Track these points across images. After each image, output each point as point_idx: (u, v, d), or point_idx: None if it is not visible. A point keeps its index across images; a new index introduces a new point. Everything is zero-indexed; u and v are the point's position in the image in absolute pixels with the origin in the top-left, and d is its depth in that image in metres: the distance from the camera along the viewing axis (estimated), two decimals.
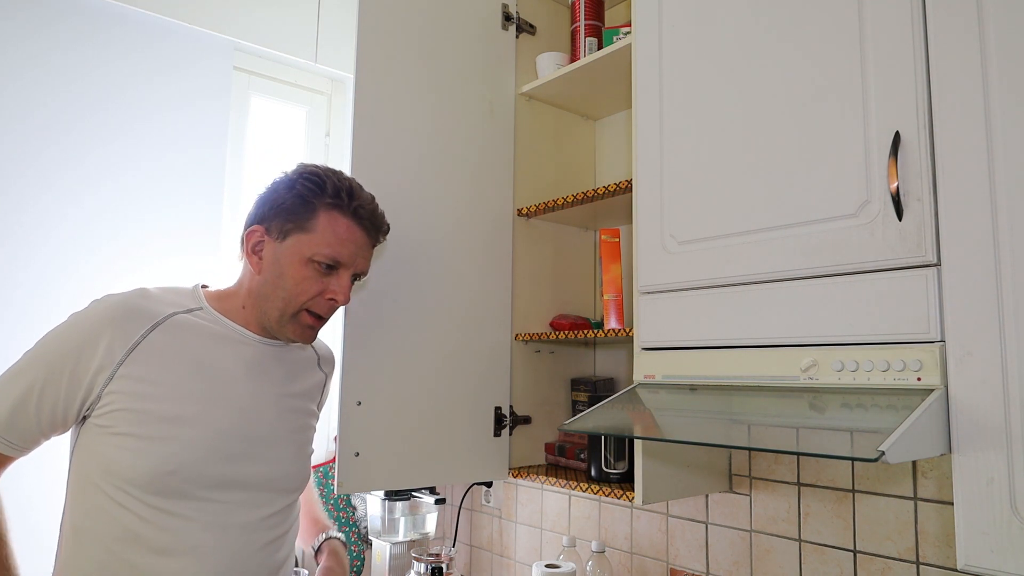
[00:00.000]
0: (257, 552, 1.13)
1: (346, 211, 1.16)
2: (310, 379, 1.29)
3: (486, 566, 2.06)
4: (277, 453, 1.18)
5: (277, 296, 1.14)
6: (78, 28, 1.79)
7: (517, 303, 1.70)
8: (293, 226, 1.14)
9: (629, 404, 1.21)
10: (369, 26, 1.48)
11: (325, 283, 1.15)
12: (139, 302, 1.11)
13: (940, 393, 0.88)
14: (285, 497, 1.20)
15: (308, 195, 1.15)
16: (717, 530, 1.52)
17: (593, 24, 1.71)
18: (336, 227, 1.15)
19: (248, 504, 1.13)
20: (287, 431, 1.21)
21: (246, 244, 1.17)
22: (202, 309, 1.16)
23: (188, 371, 1.10)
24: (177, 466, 1.05)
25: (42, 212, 1.72)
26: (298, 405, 1.24)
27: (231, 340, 1.16)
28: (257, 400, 1.16)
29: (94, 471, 1.06)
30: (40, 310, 1.67)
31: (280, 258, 1.14)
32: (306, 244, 1.14)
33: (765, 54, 1.12)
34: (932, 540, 1.22)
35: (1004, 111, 0.86)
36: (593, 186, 1.90)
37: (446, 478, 1.55)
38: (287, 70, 2.21)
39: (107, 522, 1.05)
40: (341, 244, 1.15)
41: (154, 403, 1.06)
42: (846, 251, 0.99)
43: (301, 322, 1.16)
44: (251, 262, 1.17)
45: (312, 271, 1.14)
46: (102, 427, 1.05)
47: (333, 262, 1.14)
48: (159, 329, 1.10)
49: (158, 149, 1.89)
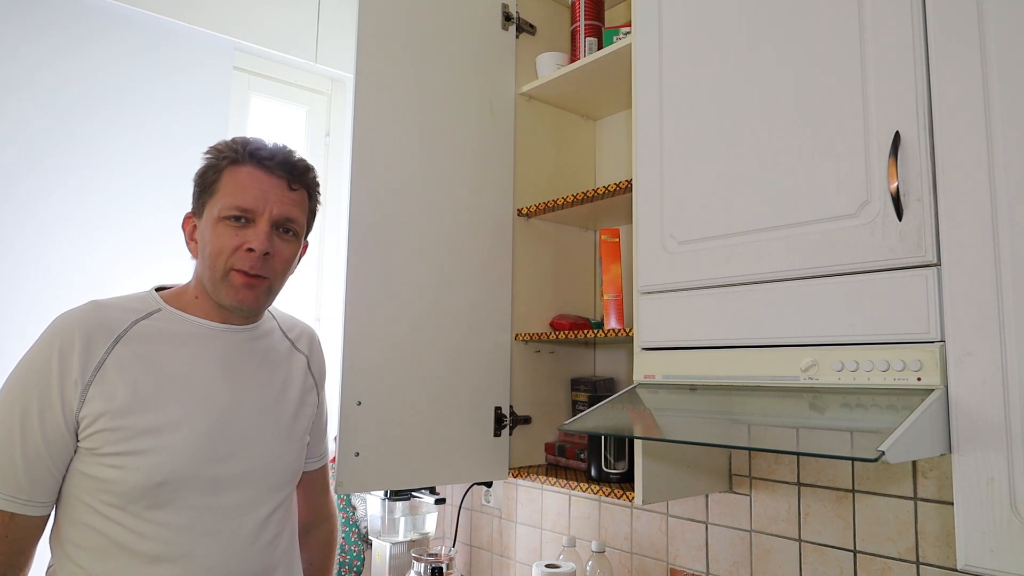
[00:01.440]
0: (251, 555, 1.11)
1: (244, 161, 1.12)
2: (289, 364, 1.25)
3: (486, 566, 2.06)
4: (264, 447, 1.15)
5: (205, 265, 1.12)
6: (78, 28, 1.79)
7: (517, 303, 1.70)
8: (206, 196, 1.13)
9: (629, 404, 1.21)
10: (369, 26, 1.48)
11: (242, 236, 1.11)
12: (95, 317, 1.07)
13: (940, 393, 0.88)
14: (277, 493, 1.17)
15: (210, 163, 1.13)
16: (717, 530, 1.52)
17: (593, 24, 1.71)
18: (237, 177, 1.11)
19: (240, 505, 1.11)
20: (272, 422, 1.17)
21: (186, 236, 1.16)
22: (160, 311, 1.13)
23: (160, 378, 1.07)
24: (166, 476, 1.03)
25: (44, 214, 1.72)
26: (280, 394, 1.21)
27: (196, 336, 1.13)
28: (235, 395, 1.13)
29: (84, 490, 1.04)
30: (43, 312, 1.66)
31: (203, 231, 1.12)
32: (214, 205, 1.11)
33: (765, 54, 1.12)
34: (932, 540, 1.22)
35: (1004, 111, 0.86)
36: (593, 186, 1.90)
37: (446, 478, 1.55)
38: (287, 70, 2.21)
39: (97, 535, 1.03)
40: (243, 190, 1.10)
41: (132, 417, 1.03)
42: (846, 251, 0.99)
43: (232, 283, 1.11)
44: (190, 249, 1.16)
45: (224, 228, 1.10)
46: (88, 449, 1.03)
47: (239, 211, 1.10)
48: (122, 342, 1.07)
49: (159, 149, 1.89)
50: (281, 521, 1.18)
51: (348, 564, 2.02)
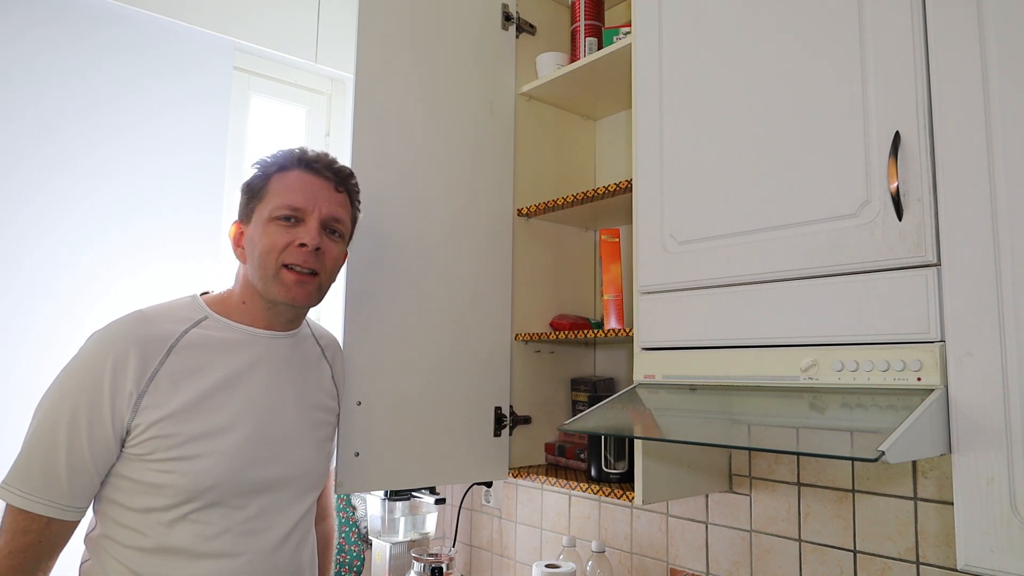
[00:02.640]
0: (284, 554, 1.15)
1: (294, 166, 1.18)
2: (320, 372, 1.30)
3: (486, 566, 2.06)
4: (300, 452, 1.19)
5: (257, 268, 1.14)
6: (78, 28, 1.79)
7: (517, 303, 1.70)
8: (255, 202, 1.17)
9: (629, 404, 1.21)
10: (369, 26, 1.48)
11: (293, 234, 1.14)
12: (147, 330, 1.09)
13: (940, 393, 0.88)
14: (309, 496, 1.22)
15: (260, 172, 1.18)
16: (717, 530, 1.52)
17: (593, 24, 1.71)
18: (287, 180, 1.17)
19: (276, 506, 1.15)
20: (307, 428, 1.22)
21: (232, 243, 1.20)
22: (207, 318, 1.16)
23: (209, 384, 1.10)
24: (216, 479, 1.07)
25: (40, 213, 1.72)
26: (315, 401, 1.25)
27: (242, 343, 1.17)
28: (276, 400, 1.17)
29: (125, 492, 1.06)
30: (36, 312, 1.67)
31: (252, 235, 1.16)
32: (265, 208, 1.15)
33: (765, 54, 1.12)
34: (932, 540, 1.22)
35: (1004, 111, 0.86)
36: (593, 186, 1.90)
37: (446, 478, 1.55)
38: (287, 70, 2.21)
39: (138, 535, 1.06)
40: (293, 192, 1.15)
41: (184, 424, 1.06)
42: (846, 251, 0.99)
43: (284, 280, 1.14)
44: (237, 255, 1.19)
45: (276, 227, 1.14)
46: (138, 456, 1.06)
47: (291, 211, 1.14)
48: (175, 352, 1.09)
49: (158, 149, 1.89)
50: (308, 524, 1.22)
51: (348, 564, 2.02)
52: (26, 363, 1.64)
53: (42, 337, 1.67)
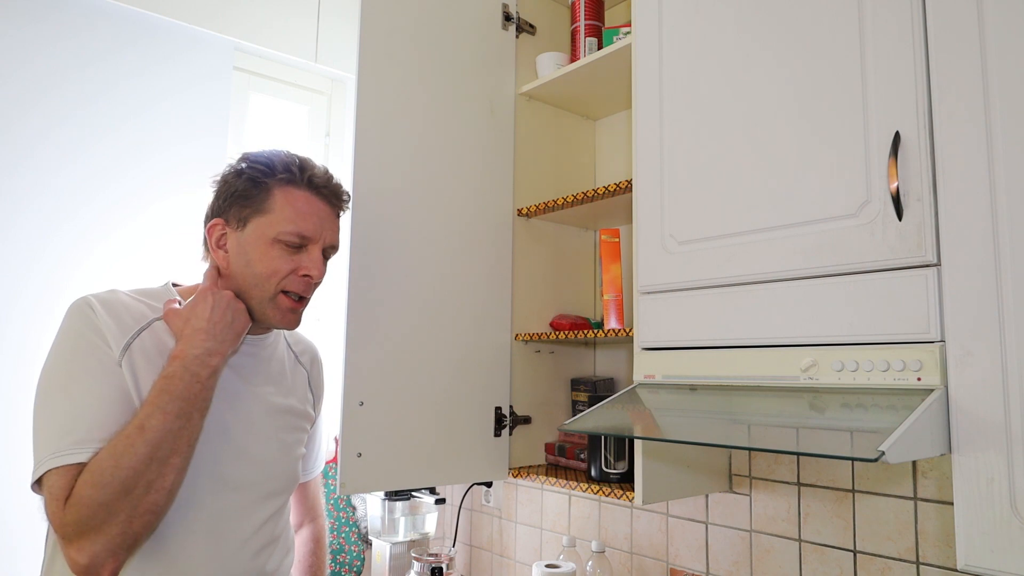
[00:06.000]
0: (248, 560, 1.12)
1: (301, 184, 1.13)
2: (294, 378, 1.27)
3: (486, 566, 2.06)
4: (263, 453, 1.16)
5: (250, 285, 1.11)
6: (77, 27, 1.79)
7: (517, 303, 1.70)
8: (251, 210, 1.11)
9: (629, 404, 1.21)
10: (370, 26, 1.49)
11: (296, 261, 1.12)
12: (125, 301, 1.08)
13: (940, 393, 0.88)
14: (273, 501, 1.18)
15: (259, 176, 1.11)
16: (717, 530, 1.52)
17: (593, 24, 1.71)
18: (294, 201, 1.12)
19: (239, 509, 1.11)
20: (273, 431, 1.19)
21: (209, 240, 1.14)
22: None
23: None
24: None
25: (40, 212, 1.72)
26: (284, 405, 1.22)
27: None
28: (243, 400, 1.15)
29: None
30: (40, 308, 1.67)
31: (245, 246, 1.11)
32: (268, 225, 1.10)
33: (765, 54, 1.12)
34: (932, 540, 1.22)
35: (1004, 111, 0.86)
36: (593, 186, 1.90)
37: (446, 478, 1.55)
38: (287, 70, 2.21)
39: None
40: (303, 218, 1.12)
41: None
42: (846, 251, 0.99)
43: (280, 306, 1.13)
44: (217, 257, 1.13)
45: (280, 251, 1.11)
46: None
47: (299, 238, 1.11)
48: (147, 332, 1.07)
49: (158, 149, 1.89)
50: (273, 532, 1.18)
51: (348, 564, 2.02)
52: (26, 363, 1.64)
53: (45, 337, 1.67)
